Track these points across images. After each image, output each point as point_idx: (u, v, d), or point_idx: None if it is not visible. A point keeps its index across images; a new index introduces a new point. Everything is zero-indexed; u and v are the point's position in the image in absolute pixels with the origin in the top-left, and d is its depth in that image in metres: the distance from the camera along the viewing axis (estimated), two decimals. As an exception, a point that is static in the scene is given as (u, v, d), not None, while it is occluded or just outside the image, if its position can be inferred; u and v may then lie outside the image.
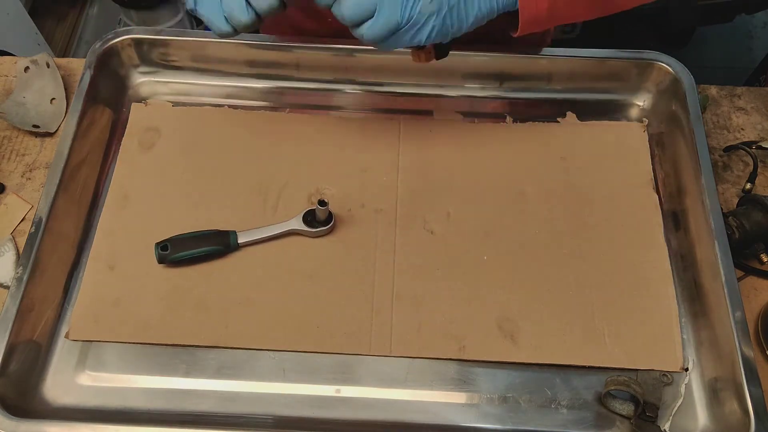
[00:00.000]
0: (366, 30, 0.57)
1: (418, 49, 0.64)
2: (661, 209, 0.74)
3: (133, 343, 0.66)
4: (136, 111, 0.80)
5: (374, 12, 0.56)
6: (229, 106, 0.80)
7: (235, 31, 0.60)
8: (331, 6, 0.57)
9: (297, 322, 0.67)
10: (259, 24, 0.61)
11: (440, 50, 0.64)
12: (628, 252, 0.71)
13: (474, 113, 0.81)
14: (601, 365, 0.65)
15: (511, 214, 0.73)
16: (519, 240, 0.72)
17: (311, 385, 0.64)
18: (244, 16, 0.58)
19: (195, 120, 0.79)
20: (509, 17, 0.63)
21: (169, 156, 0.76)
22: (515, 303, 0.68)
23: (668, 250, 0.71)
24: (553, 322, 0.67)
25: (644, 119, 0.81)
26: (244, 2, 0.58)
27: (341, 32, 0.83)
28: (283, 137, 0.78)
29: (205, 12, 0.60)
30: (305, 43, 0.79)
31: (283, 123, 0.79)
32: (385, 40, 0.58)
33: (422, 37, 0.58)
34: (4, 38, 1.55)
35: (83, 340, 0.66)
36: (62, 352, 0.66)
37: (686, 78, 0.77)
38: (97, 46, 0.78)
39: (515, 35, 0.65)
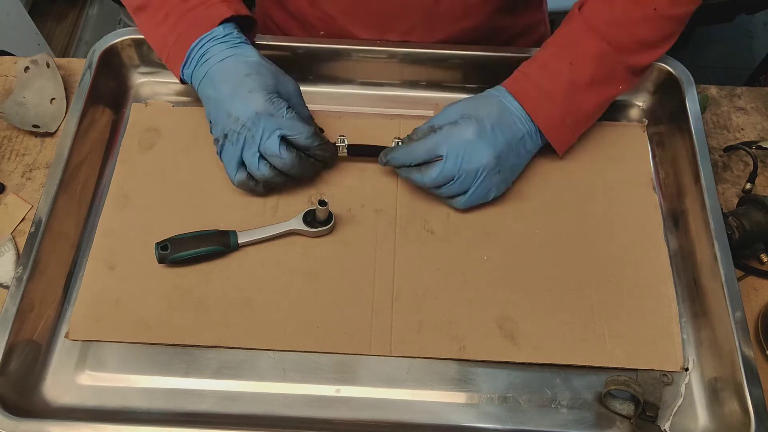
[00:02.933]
0: (458, 203, 0.71)
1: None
2: (661, 209, 0.74)
3: (133, 343, 0.66)
4: (136, 111, 0.80)
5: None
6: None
7: (256, 182, 0.70)
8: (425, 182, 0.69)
9: (297, 322, 0.67)
10: (276, 179, 0.69)
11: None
12: (628, 252, 0.71)
13: (474, 113, 0.81)
14: (601, 365, 0.65)
15: (511, 214, 0.73)
16: (519, 240, 0.72)
17: (311, 385, 0.64)
18: (261, 172, 0.68)
19: (195, 120, 0.79)
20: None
21: (169, 156, 0.76)
22: (515, 303, 0.68)
23: (668, 250, 0.72)
24: (553, 322, 0.67)
25: (644, 119, 0.81)
26: (257, 159, 0.67)
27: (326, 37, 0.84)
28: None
29: (224, 161, 0.70)
30: (305, 43, 0.79)
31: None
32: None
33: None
34: (4, 38, 1.55)
35: (83, 340, 0.66)
36: (62, 352, 0.66)
37: (686, 78, 0.77)
38: (97, 46, 0.78)
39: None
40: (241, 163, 0.68)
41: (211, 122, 0.70)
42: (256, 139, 0.66)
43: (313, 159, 0.70)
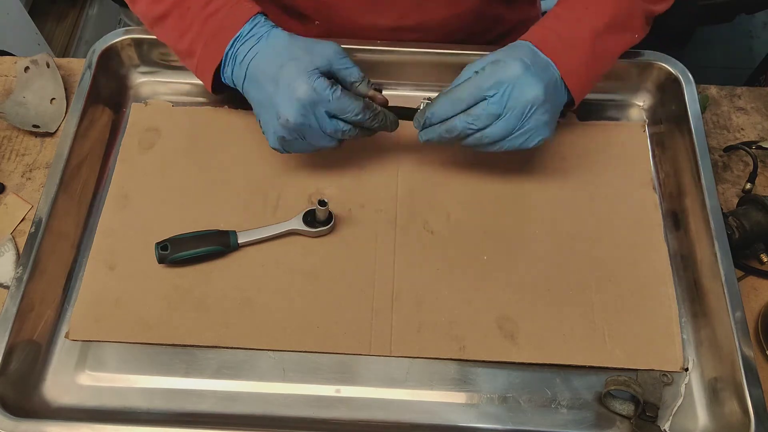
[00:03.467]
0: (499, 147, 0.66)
1: None
2: (661, 209, 0.74)
3: (133, 343, 0.66)
4: (136, 111, 0.80)
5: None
6: (229, 106, 0.80)
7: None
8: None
9: (297, 322, 0.67)
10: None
11: None
12: (628, 252, 0.71)
13: (474, 113, 0.81)
14: (601, 365, 0.65)
15: (511, 214, 0.73)
16: (519, 240, 0.72)
17: (311, 385, 0.64)
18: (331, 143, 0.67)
19: (195, 120, 0.79)
20: None
21: (169, 156, 0.76)
22: (515, 303, 0.68)
23: (668, 250, 0.72)
24: (553, 322, 0.67)
25: (644, 119, 0.81)
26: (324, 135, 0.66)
27: (326, 37, 0.84)
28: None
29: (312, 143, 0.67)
30: (305, 43, 0.78)
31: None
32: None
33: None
34: (4, 38, 1.55)
35: (83, 340, 0.66)
36: (62, 352, 0.66)
37: (686, 78, 0.77)
38: (97, 46, 0.78)
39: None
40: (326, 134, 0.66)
41: (261, 127, 0.68)
42: (314, 127, 0.65)
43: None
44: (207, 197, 0.73)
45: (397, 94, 0.82)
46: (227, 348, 0.66)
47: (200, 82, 0.82)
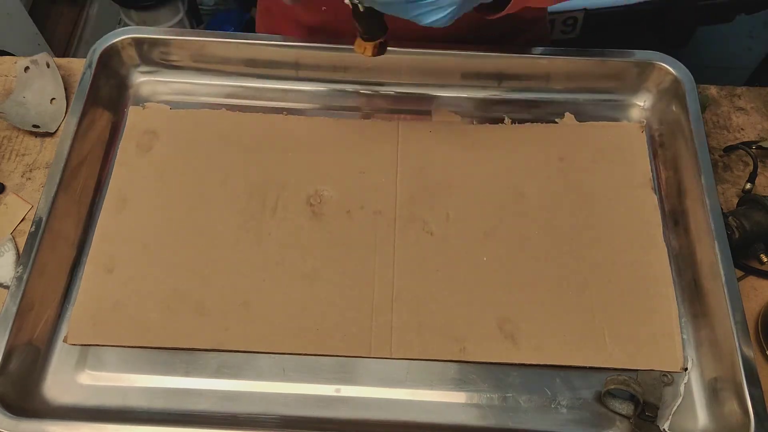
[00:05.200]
0: None
1: (366, 42, 0.65)
2: (661, 209, 0.74)
3: (133, 347, 0.66)
4: (133, 114, 0.80)
5: None
6: (229, 106, 0.80)
7: None
8: None
9: (297, 325, 0.67)
10: None
11: (381, 48, 0.65)
12: (627, 252, 0.71)
13: (473, 114, 0.81)
14: (601, 365, 0.65)
15: (511, 214, 0.73)
16: (519, 241, 0.72)
17: (311, 385, 0.64)
18: None
19: (192, 123, 0.79)
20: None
21: (167, 159, 0.76)
22: (515, 303, 0.68)
23: (668, 250, 0.71)
24: (553, 322, 0.67)
25: (643, 120, 0.81)
26: None
27: (333, 23, 0.83)
28: (282, 139, 0.77)
29: None
30: (305, 43, 0.79)
31: (282, 125, 0.79)
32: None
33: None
34: (4, 38, 1.55)
35: (82, 345, 0.66)
36: (62, 352, 0.66)
37: (686, 78, 0.77)
38: (97, 46, 0.78)
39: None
40: None
41: None
42: None
43: None
44: (205, 199, 0.73)
45: (395, 93, 0.82)
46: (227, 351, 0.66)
47: (200, 81, 0.82)
